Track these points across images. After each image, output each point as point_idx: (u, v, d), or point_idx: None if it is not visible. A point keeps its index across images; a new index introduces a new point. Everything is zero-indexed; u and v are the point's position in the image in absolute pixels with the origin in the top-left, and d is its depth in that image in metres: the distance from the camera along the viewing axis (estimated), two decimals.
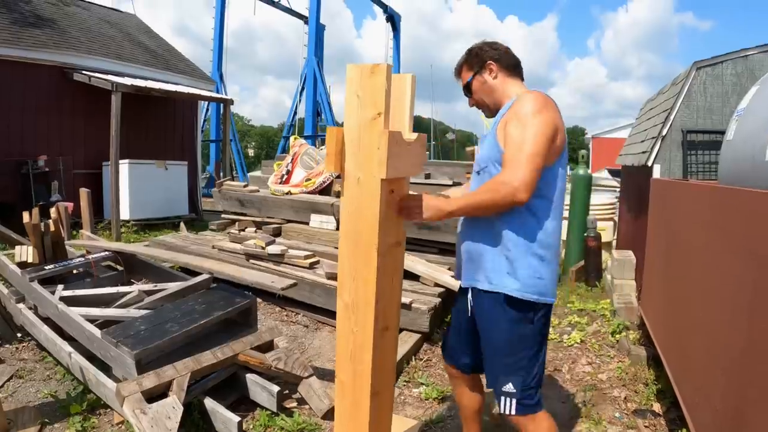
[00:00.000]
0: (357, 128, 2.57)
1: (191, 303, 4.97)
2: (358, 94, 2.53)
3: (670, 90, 8.27)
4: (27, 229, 6.29)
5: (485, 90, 3.11)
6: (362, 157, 2.57)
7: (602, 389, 5.09)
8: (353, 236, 2.69)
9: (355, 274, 2.71)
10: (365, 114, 2.53)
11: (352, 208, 2.66)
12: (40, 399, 4.74)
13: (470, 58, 3.15)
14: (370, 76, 2.49)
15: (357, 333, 2.77)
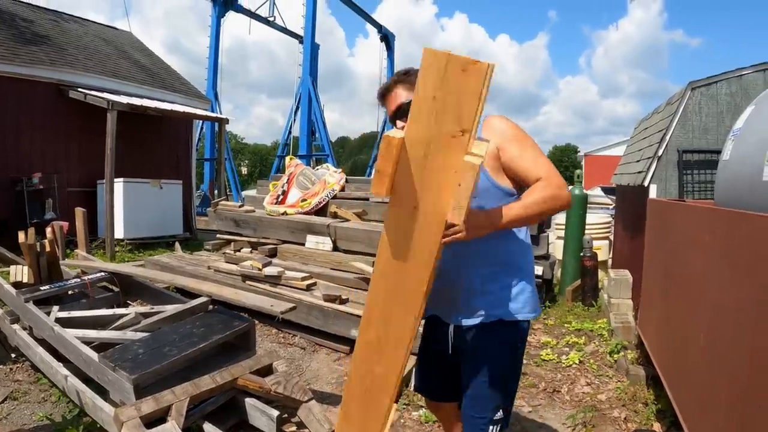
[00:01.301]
0: (426, 143, 1.96)
1: (189, 326, 4.95)
2: (436, 96, 1.89)
3: (666, 110, 8.32)
4: (22, 248, 6.27)
5: None
6: (427, 184, 2.02)
7: (602, 410, 5.08)
8: (396, 274, 2.23)
9: (389, 314, 2.33)
10: (443, 127, 1.94)
11: (398, 241, 2.16)
12: (35, 422, 4.71)
13: (411, 78, 2.73)
14: (461, 74, 1.86)
15: (379, 375, 2.46)
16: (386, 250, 2.22)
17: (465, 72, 1.84)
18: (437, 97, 1.89)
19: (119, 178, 13.54)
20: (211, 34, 31.48)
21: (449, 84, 1.85)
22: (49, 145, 14.18)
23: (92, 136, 14.25)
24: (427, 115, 1.92)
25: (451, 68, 1.83)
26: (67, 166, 14.46)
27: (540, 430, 4.79)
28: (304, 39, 30.12)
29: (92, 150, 14.32)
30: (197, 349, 4.47)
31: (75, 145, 14.67)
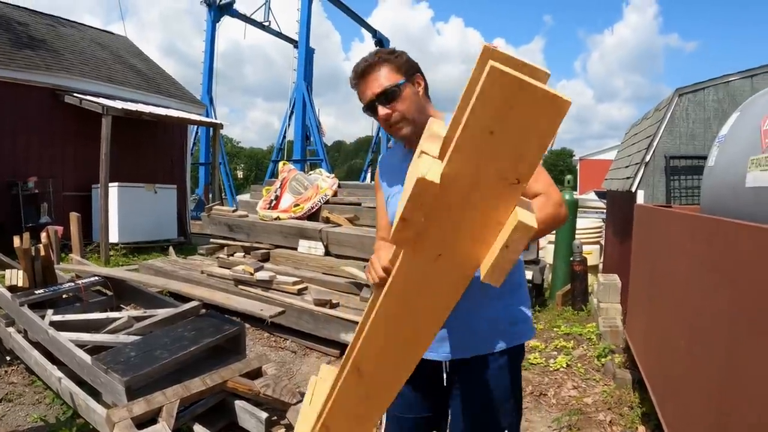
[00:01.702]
0: (469, 186, 1.46)
1: (181, 330, 5.03)
2: (495, 131, 1.34)
3: (654, 116, 8.39)
4: (18, 253, 6.34)
5: (417, 104, 2.47)
6: (461, 233, 1.57)
7: (587, 413, 5.13)
8: (405, 318, 1.83)
9: (390, 354, 1.97)
10: (495, 170, 1.42)
11: (411, 289, 1.73)
12: (29, 423, 4.79)
13: (399, 59, 2.47)
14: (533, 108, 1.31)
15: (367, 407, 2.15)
16: (395, 295, 1.77)
17: (538, 107, 1.29)
18: (495, 133, 1.33)
19: (114, 182, 13.62)
20: (207, 39, 31.56)
21: (515, 118, 1.31)
22: (44, 150, 14.26)
23: (87, 141, 14.36)
24: (477, 152, 1.38)
25: (523, 98, 1.27)
26: (63, 170, 14.54)
27: None
28: (299, 44, 30.10)
29: (87, 154, 14.41)
30: (188, 353, 4.55)
31: (70, 149, 14.76)
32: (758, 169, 3.06)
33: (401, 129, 2.47)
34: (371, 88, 2.43)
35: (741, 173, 3.22)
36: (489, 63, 1.25)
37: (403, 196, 1.55)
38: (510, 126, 1.32)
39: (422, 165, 1.46)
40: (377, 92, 2.41)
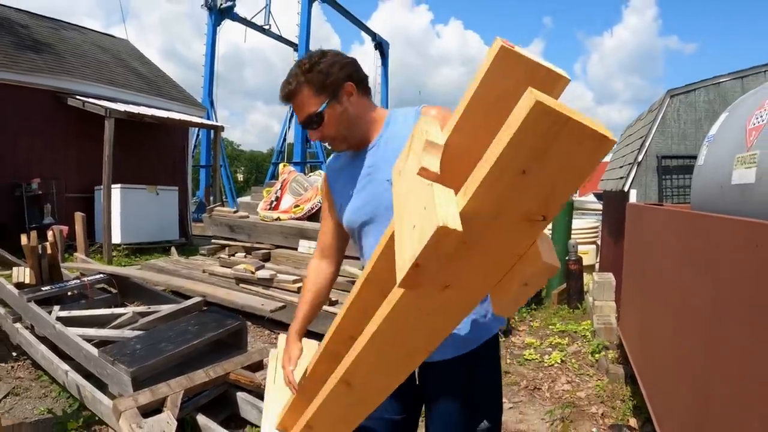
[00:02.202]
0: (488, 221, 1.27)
1: (184, 324, 5.17)
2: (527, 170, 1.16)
3: (647, 117, 8.51)
4: (25, 251, 6.47)
5: (347, 120, 2.34)
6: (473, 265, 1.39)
7: (580, 406, 5.27)
8: (402, 341, 1.72)
9: (382, 370, 1.89)
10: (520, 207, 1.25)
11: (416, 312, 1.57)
12: (36, 415, 4.90)
13: (318, 76, 2.28)
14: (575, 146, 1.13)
15: (354, 413, 2.14)
16: (393, 321, 1.62)
17: (580, 145, 1.14)
18: (528, 172, 1.17)
19: (116, 184, 13.74)
20: (207, 42, 31.65)
21: (553, 157, 1.15)
22: (47, 152, 14.40)
23: (90, 143, 14.50)
24: (504, 189, 1.22)
25: (566, 137, 1.12)
26: (65, 172, 14.69)
27: (520, 424, 4.97)
28: (299, 47, 30.18)
29: (90, 157, 14.58)
30: (191, 345, 4.70)
31: (73, 151, 14.90)
32: (743, 166, 3.11)
33: (338, 146, 2.44)
34: (298, 115, 2.36)
35: (727, 171, 3.29)
36: (533, 95, 1.08)
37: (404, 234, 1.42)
38: (546, 165, 1.16)
39: (439, 205, 1.26)
40: (303, 120, 2.35)
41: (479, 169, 1.23)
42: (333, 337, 2.21)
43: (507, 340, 7.13)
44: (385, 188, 2.26)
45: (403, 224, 1.47)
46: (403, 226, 1.46)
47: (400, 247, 1.42)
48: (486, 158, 1.20)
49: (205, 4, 31.38)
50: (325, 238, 2.69)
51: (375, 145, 2.39)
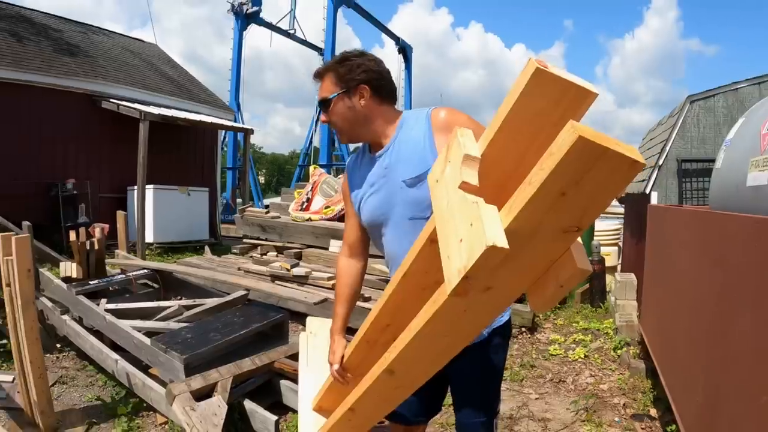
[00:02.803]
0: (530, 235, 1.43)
1: (230, 316, 5.45)
2: (567, 193, 1.31)
3: (667, 122, 8.66)
4: (72, 247, 6.74)
5: (350, 117, 2.56)
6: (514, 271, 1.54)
7: (603, 397, 5.48)
8: (443, 336, 1.87)
9: (424, 361, 2.06)
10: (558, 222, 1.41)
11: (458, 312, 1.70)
12: (84, 402, 5.17)
13: (343, 69, 2.54)
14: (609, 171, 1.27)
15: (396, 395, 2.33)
16: (437, 320, 1.76)
17: (614, 170, 1.26)
18: (567, 195, 1.31)
19: (149, 185, 14.05)
20: (234, 47, 31.85)
21: (589, 183, 1.28)
22: (81, 153, 14.75)
23: (122, 145, 14.85)
24: (545, 210, 1.37)
25: (603, 164, 1.24)
26: (99, 173, 15.02)
27: (546, 414, 5.17)
28: (324, 52, 30.32)
29: (122, 158, 14.92)
30: (239, 335, 4.94)
31: (106, 152, 15.22)
32: (757, 169, 3.21)
33: (340, 137, 2.73)
34: (319, 93, 2.61)
35: (743, 174, 3.39)
36: (576, 129, 1.20)
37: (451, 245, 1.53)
38: (583, 188, 1.30)
39: (487, 224, 1.37)
40: (318, 100, 2.62)
41: (523, 191, 1.38)
42: (370, 328, 2.34)
43: (532, 337, 7.34)
44: (400, 187, 2.46)
45: (449, 235, 1.56)
46: (449, 237, 1.56)
47: (447, 258, 1.54)
48: (530, 181, 1.33)
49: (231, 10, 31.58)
50: (351, 235, 2.85)
51: (389, 148, 2.55)
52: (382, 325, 2.27)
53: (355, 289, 2.87)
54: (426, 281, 1.76)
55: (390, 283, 2.17)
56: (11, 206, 10.00)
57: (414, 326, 1.86)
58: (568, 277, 1.54)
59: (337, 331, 2.77)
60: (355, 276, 2.86)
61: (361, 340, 2.45)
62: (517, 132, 1.55)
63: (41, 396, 4.34)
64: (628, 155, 1.22)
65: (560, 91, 1.42)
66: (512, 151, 1.59)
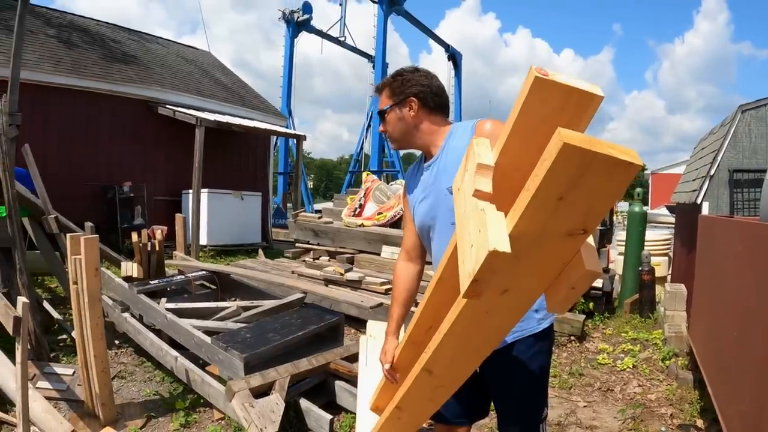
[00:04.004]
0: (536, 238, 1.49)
1: (288, 317, 5.60)
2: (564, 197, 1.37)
3: (719, 131, 8.60)
4: (134, 247, 6.93)
5: (401, 127, 2.78)
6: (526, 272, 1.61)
7: (651, 407, 5.51)
8: (473, 336, 1.97)
9: (459, 360, 2.14)
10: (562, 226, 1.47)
11: (481, 313, 1.80)
12: (142, 397, 5.35)
13: (395, 83, 2.77)
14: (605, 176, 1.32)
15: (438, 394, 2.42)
16: (463, 322, 1.87)
17: (609, 173, 1.30)
18: (565, 198, 1.36)
19: (204, 188, 14.28)
20: (285, 54, 32.17)
21: (585, 186, 1.33)
22: (137, 157, 15.04)
23: (176, 149, 15.23)
24: (545, 214, 1.42)
25: (595, 167, 1.28)
26: (154, 176, 15.31)
27: (593, 422, 5.23)
28: (375, 59, 30.56)
29: (176, 162, 15.32)
30: (296, 336, 5.09)
31: (161, 156, 15.54)
32: None
33: (391, 144, 2.91)
34: (379, 104, 2.86)
35: None
36: (561, 137, 1.24)
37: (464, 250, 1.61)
38: (580, 191, 1.33)
39: (491, 230, 1.44)
40: (378, 112, 2.86)
41: (522, 197, 1.43)
42: (414, 329, 2.46)
43: (581, 346, 7.38)
44: (445, 194, 2.58)
45: (464, 241, 1.65)
46: (464, 243, 1.64)
47: (462, 263, 1.62)
48: (527, 188, 1.39)
49: (282, 18, 31.95)
50: (409, 241, 3.00)
51: (438, 157, 2.72)
52: (425, 326, 2.37)
53: (410, 292, 2.99)
54: (459, 284, 1.67)
55: (429, 286, 2.28)
56: (71, 207, 10.20)
57: (443, 328, 1.97)
58: (578, 279, 1.60)
59: (390, 332, 2.90)
60: (411, 279, 3.00)
61: (407, 341, 2.57)
62: (526, 139, 1.60)
63: (103, 389, 4.51)
64: (621, 158, 1.26)
65: (563, 97, 1.46)
66: (525, 158, 1.60)
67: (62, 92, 13.51)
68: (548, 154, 1.29)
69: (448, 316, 1.91)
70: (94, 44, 16.20)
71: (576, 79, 1.46)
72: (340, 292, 6.32)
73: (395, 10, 30.27)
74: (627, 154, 1.27)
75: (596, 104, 1.51)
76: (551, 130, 1.39)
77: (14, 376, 3.95)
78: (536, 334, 2.69)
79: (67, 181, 12.89)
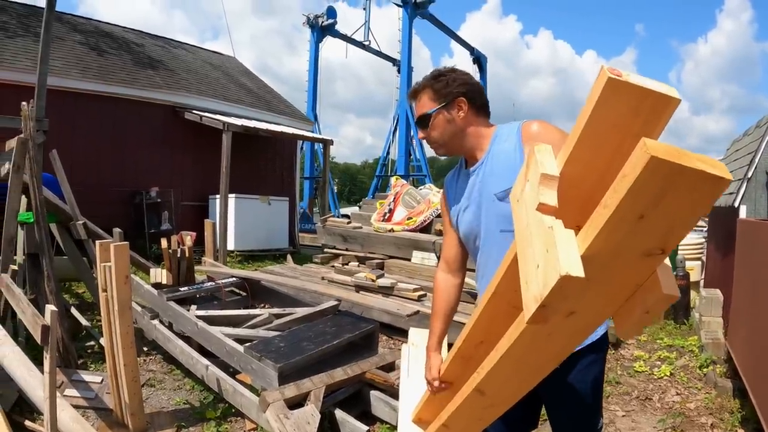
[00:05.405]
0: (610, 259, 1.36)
1: (322, 326, 5.53)
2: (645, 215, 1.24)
3: (755, 132, 8.46)
4: (164, 254, 6.89)
5: (450, 130, 2.61)
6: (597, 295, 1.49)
7: (690, 417, 5.40)
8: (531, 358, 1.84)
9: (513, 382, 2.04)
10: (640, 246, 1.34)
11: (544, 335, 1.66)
12: (172, 405, 5.30)
13: (440, 84, 2.60)
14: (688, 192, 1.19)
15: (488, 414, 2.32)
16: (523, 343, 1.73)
17: (695, 188, 1.18)
18: (646, 217, 1.24)
19: (231, 193, 14.28)
20: (310, 59, 32.34)
21: (668, 204, 1.21)
22: (164, 162, 15.11)
23: (203, 154, 15.30)
24: (623, 234, 1.30)
25: (681, 185, 1.17)
26: (181, 181, 15.34)
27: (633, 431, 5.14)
28: (401, 63, 30.67)
29: (203, 167, 15.39)
30: (331, 345, 5.02)
31: (188, 162, 15.59)
32: None
33: (436, 150, 2.73)
34: (415, 111, 2.70)
35: None
36: (647, 149, 1.12)
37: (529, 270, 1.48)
38: (663, 209, 1.22)
39: (561, 251, 1.33)
40: (416, 118, 2.69)
41: (598, 215, 1.30)
42: (464, 343, 2.32)
43: (616, 353, 7.27)
44: (492, 200, 2.49)
45: (527, 259, 1.52)
46: (527, 262, 1.51)
47: (525, 283, 1.49)
48: (605, 204, 1.27)
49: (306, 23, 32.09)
50: (449, 251, 2.88)
51: (483, 161, 2.58)
52: (476, 341, 2.27)
53: (451, 305, 2.88)
54: (516, 299, 1.63)
55: (482, 299, 2.15)
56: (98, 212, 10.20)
57: (500, 348, 1.84)
58: (653, 303, 1.48)
59: (432, 347, 2.80)
60: (452, 292, 2.89)
61: (456, 356, 2.47)
62: (596, 146, 1.48)
63: (133, 398, 4.45)
64: (710, 171, 1.14)
65: (637, 100, 1.34)
66: (594, 167, 1.52)
67: (89, 98, 13.62)
68: (631, 168, 1.17)
69: (506, 336, 1.79)
70: (121, 50, 16.35)
71: (650, 81, 1.33)
72: (373, 299, 6.25)
73: (420, 13, 30.33)
74: (716, 167, 1.15)
75: (672, 108, 1.37)
76: (623, 137, 1.35)
77: (42, 385, 3.90)
78: (592, 343, 2.58)
79: (94, 186, 12.95)
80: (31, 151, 6.11)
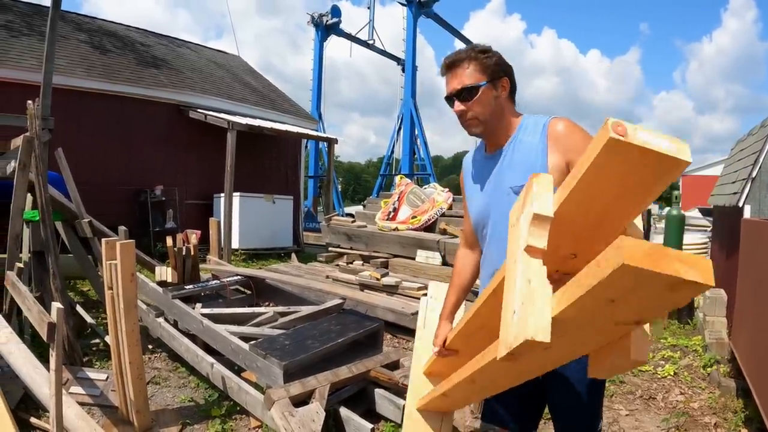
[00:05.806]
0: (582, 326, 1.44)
1: (326, 324, 5.54)
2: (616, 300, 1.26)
3: (759, 132, 8.43)
4: (169, 252, 6.93)
5: (494, 108, 2.55)
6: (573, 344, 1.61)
7: (694, 416, 5.40)
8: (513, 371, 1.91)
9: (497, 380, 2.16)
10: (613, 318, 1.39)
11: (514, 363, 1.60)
12: (177, 403, 5.31)
13: (488, 60, 2.53)
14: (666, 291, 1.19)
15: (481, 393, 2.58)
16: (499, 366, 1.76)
17: (672, 290, 1.17)
18: (617, 301, 1.24)
19: (236, 192, 14.31)
20: (314, 58, 32.38)
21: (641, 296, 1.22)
22: (169, 161, 15.12)
23: (208, 153, 15.28)
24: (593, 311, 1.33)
25: (654, 286, 1.16)
26: (186, 180, 15.34)
27: (636, 431, 5.15)
28: (405, 62, 30.67)
29: (208, 165, 15.37)
30: (336, 344, 5.03)
31: (193, 160, 15.59)
32: None
33: (472, 127, 2.59)
34: (453, 83, 2.55)
35: None
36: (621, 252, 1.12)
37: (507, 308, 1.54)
38: (634, 299, 1.23)
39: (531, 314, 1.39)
40: (457, 88, 2.52)
41: (571, 288, 1.33)
42: (467, 324, 2.41)
43: None
44: (507, 193, 2.46)
45: (509, 300, 1.55)
46: (508, 299, 1.56)
47: (504, 321, 1.55)
48: (579, 282, 1.29)
49: (311, 22, 32.10)
50: (468, 227, 2.90)
51: (506, 150, 2.56)
52: (477, 324, 2.32)
53: (467, 278, 2.94)
54: None
55: (483, 292, 2.18)
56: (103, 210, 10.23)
57: (487, 355, 1.89)
58: (620, 363, 1.58)
59: (444, 316, 2.89)
60: (470, 266, 2.94)
61: (460, 332, 2.56)
62: (594, 194, 1.50)
63: (138, 396, 4.45)
64: (687, 278, 1.12)
65: (639, 159, 1.31)
66: (591, 209, 1.55)
67: (94, 97, 13.63)
68: (605, 262, 1.17)
69: (491, 348, 1.85)
70: (125, 49, 16.37)
71: (659, 136, 1.30)
72: (378, 298, 6.25)
73: (424, 12, 30.32)
74: (696, 268, 1.14)
75: (680, 168, 1.36)
76: (623, 190, 1.41)
77: (48, 382, 3.91)
78: None
79: (99, 185, 12.97)
80: (37, 150, 6.13)
